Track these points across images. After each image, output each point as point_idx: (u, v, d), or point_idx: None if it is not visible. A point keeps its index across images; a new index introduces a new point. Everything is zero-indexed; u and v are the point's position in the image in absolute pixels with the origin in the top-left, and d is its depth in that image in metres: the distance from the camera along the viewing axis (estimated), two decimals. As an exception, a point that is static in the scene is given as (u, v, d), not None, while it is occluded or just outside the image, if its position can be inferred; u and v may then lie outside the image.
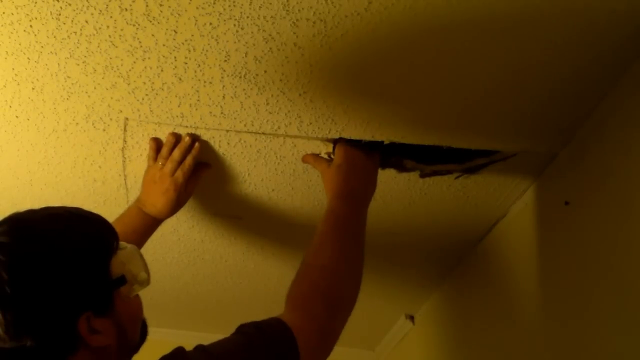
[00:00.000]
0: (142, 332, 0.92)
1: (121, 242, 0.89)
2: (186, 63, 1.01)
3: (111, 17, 0.94)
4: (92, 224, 0.87)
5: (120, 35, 0.97)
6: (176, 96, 1.09)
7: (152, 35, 0.96)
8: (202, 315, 2.06)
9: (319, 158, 1.23)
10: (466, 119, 1.13)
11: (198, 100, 1.09)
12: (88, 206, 0.92)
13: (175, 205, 1.23)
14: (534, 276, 1.27)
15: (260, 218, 1.46)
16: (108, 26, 0.95)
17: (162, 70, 1.03)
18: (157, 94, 1.09)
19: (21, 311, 0.76)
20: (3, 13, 0.94)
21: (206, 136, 1.20)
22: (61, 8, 0.92)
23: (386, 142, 1.18)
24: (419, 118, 1.13)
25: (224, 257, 1.64)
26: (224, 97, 1.08)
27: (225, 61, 1.01)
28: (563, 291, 1.16)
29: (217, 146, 1.23)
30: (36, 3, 0.92)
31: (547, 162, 1.25)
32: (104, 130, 1.19)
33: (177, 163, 1.20)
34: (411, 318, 1.96)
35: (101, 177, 1.33)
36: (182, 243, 1.57)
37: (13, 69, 1.05)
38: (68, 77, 1.06)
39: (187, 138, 1.20)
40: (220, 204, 1.42)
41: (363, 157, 1.19)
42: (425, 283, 1.78)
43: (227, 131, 1.18)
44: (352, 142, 1.19)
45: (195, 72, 1.03)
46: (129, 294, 0.87)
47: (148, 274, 0.91)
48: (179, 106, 1.11)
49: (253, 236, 1.55)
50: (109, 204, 1.40)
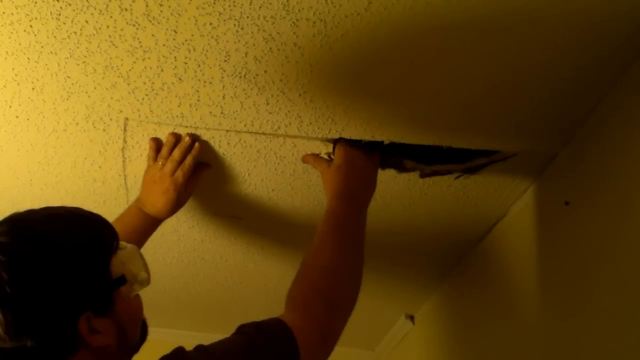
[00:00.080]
0: (142, 332, 0.92)
1: (121, 242, 0.89)
2: (186, 63, 1.01)
3: (111, 17, 0.94)
4: (92, 224, 0.87)
5: (120, 35, 0.97)
6: (176, 96, 1.09)
7: (152, 35, 0.96)
8: (202, 315, 2.05)
9: (319, 158, 1.23)
10: (466, 119, 1.13)
11: (198, 100, 1.09)
12: (88, 206, 0.92)
13: (175, 205, 1.23)
14: (534, 276, 1.27)
15: (260, 218, 1.46)
16: (108, 26, 0.95)
17: (162, 70, 1.03)
18: (157, 94, 1.09)
19: (21, 311, 0.76)
20: (3, 13, 0.94)
21: (206, 136, 1.20)
22: (61, 8, 0.92)
23: (386, 142, 1.19)
24: (419, 118, 1.13)
25: (224, 257, 1.64)
26: (224, 97, 1.08)
27: (225, 61, 1.01)
28: (563, 291, 1.16)
29: (217, 146, 1.23)
30: (36, 3, 0.92)
31: (547, 162, 1.25)
32: (104, 130, 1.19)
33: (177, 163, 1.20)
34: (411, 318, 1.96)
35: (101, 177, 1.33)
36: (182, 243, 1.57)
37: (13, 69, 1.05)
38: (68, 77, 1.06)
39: (187, 138, 1.20)
40: (220, 204, 1.42)
41: (363, 158, 1.19)
42: (425, 283, 1.78)
43: (227, 131, 1.18)
44: (352, 142, 1.19)
45: (195, 72, 1.03)
46: (129, 294, 0.87)
47: (148, 274, 0.91)
48: (179, 106, 1.11)
49: (253, 236, 1.55)
50: (109, 204, 1.40)
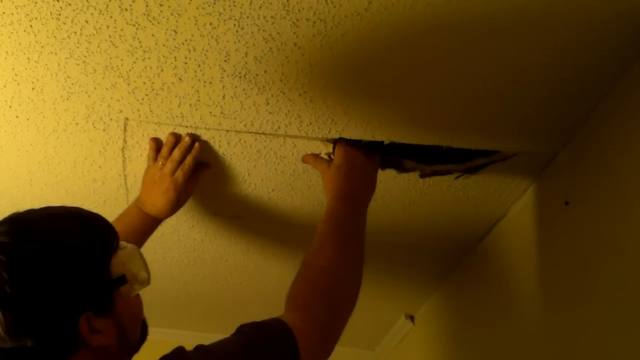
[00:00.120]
0: (143, 332, 0.92)
1: (121, 242, 0.89)
2: (186, 63, 1.01)
3: (111, 17, 0.94)
4: (92, 224, 0.87)
5: (120, 35, 0.97)
6: (176, 96, 1.09)
7: (152, 35, 0.96)
8: (202, 315, 2.05)
9: (319, 158, 1.23)
10: (466, 119, 1.13)
11: (198, 100, 1.09)
12: (88, 206, 0.92)
13: (175, 205, 1.23)
14: (534, 276, 1.27)
15: (260, 218, 1.46)
16: (108, 26, 0.95)
17: (162, 70, 1.03)
18: (157, 94, 1.09)
19: (21, 311, 0.76)
20: (3, 13, 0.94)
21: (206, 136, 1.20)
22: (61, 8, 0.92)
23: (386, 142, 1.18)
24: (419, 118, 1.13)
25: (224, 257, 1.64)
26: (224, 97, 1.08)
27: (225, 61, 1.01)
28: (563, 291, 1.16)
29: (217, 146, 1.23)
30: (36, 3, 0.92)
31: (547, 162, 1.25)
32: (104, 130, 1.19)
33: (177, 163, 1.20)
34: (411, 318, 1.96)
35: (101, 177, 1.33)
36: (182, 243, 1.57)
37: (13, 69, 1.05)
38: (68, 77, 1.06)
39: (187, 138, 1.20)
40: (220, 204, 1.42)
41: (363, 158, 1.19)
42: (425, 283, 1.78)
43: (227, 131, 1.18)
44: (352, 143, 1.19)
45: (195, 72, 1.03)
46: (129, 294, 0.87)
47: (148, 274, 0.91)
48: (179, 106, 1.11)
49: (253, 236, 1.55)
50: (109, 204, 1.40)
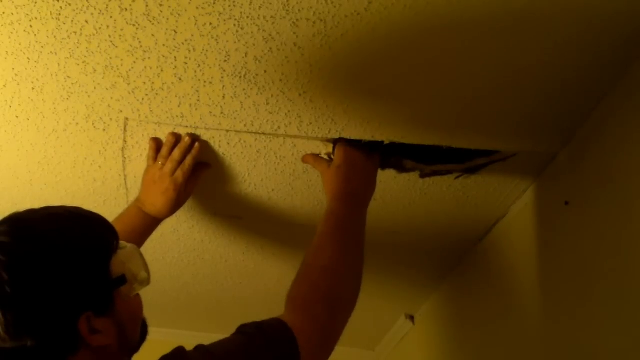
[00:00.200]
0: (143, 332, 0.92)
1: (121, 242, 0.89)
2: (186, 63, 1.01)
3: (111, 17, 0.94)
4: (92, 224, 0.87)
5: (120, 35, 0.97)
6: (176, 96, 1.09)
7: (152, 35, 0.96)
8: (202, 315, 2.05)
9: (319, 159, 1.23)
10: (466, 119, 1.13)
11: (198, 100, 1.09)
12: (88, 206, 0.91)
13: (174, 205, 1.23)
14: (534, 276, 1.27)
15: (260, 218, 1.46)
16: (108, 26, 0.95)
17: (162, 70, 1.03)
18: (157, 94, 1.09)
19: (21, 311, 0.76)
20: (3, 13, 0.94)
21: (206, 136, 1.20)
22: (61, 8, 0.92)
23: (386, 142, 1.18)
24: (419, 118, 1.13)
25: (224, 257, 1.64)
26: (224, 97, 1.08)
27: (225, 61, 1.01)
28: (563, 291, 1.16)
29: (217, 146, 1.23)
30: (36, 3, 0.92)
31: (547, 162, 1.25)
32: (104, 130, 1.19)
33: (177, 163, 1.20)
34: (411, 318, 1.96)
35: (101, 177, 1.33)
36: (182, 243, 1.57)
37: (13, 69, 1.05)
38: (68, 77, 1.06)
39: (187, 138, 1.20)
40: (220, 204, 1.42)
41: (363, 158, 1.19)
42: (425, 283, 1.78)
43: (227, 131, 1.18)
44: (352, 143, 1.19)
45: (195, 72, 1.03)
46: (129, 294, 0.87)
47: (148, 273, 0.91)
48: (179, 106, 1.11)
49: (253, 236, 1.55)
50: (109, 204, 1.40)
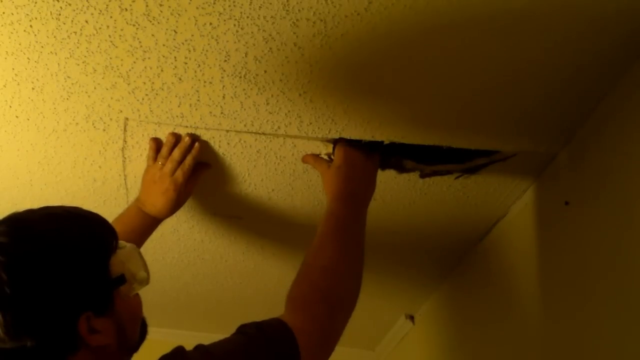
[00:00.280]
0: (142, 331, 0.92)
1: (120, 241, 0.89)
2: (186, 63, 1.01)
3: (111, 17, 0.94)
4: (91, 223, 0.87)
5: (120, 35, 0.97)
6: (176, 96, 1.09)
7: (152, 35, 0.96)
8: (202, 315, 2.06)
9: (319, 159, 1.23)
10: (466, 119, 1.13)
11: (198, 100, 1.09)
12: (88, 206, 0.92)
13: (174, 205, 1.23)
14: (534, 276, 1.27)
15: (260, 218, 1.46)
16: (108, 26, 0.95)
17: (162, 70, 1.03)
18: (157, 94, 1.09)
19: (21, 312, 0.76)
20: (3, 13, 0.94)
21: (206, 136, 1.20)
22: (61, 8, 0.92)
23: (386, 142, 1.18)
24: (419, 117, 1.13)
25: (224, 257, 1.64)
26: (224, 97, 1.08)
27: (225, 61, 1.01)
28: (563, 290, 1.16)
29: (217, 146, 1.23)
30: (36, 3, 0.92)
31: (547, 162, 1.25)
32: (104, 130, 1.19)
33: (177, 163, 1.20)
34: (411, 318, 1.96)
35: (101, 177, 1.33)
36: (182, 243, 1.57)
37: (13, 69, 1.05)
38: (68, 77, 1.06)
39: (187, 138, 1.20)
40: (220, 204, 1.42)
41: (363, 159, 1.19)
42: (425, 283, 1.78)
43: (227, 131, 1.18)
44: (352, 143, 1.19)
45: (195, 72, 1.03)
46: (129, 293, 0.87)
47: (147, 273, 0.91)
48: (179, 106, 1.11)
49: (253, 236, 1.55)
50: (109, 204, 1.40)
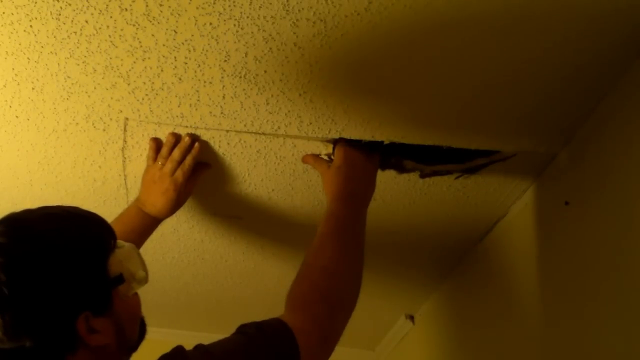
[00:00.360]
0: (141, 331, 0.92)
1: (119, 241, 0.89)
2: (186, 63, 1.01)
3: (111, 17, 0.94)
4: (90, 223, 0.87)
5: (120, 35, 0.97)
6: (176, 96, 1.09)
7: (152, 35, 0.96)
8: (202, 315, 2.05)
9: (319, 159, 1.23)
10: (466, 118, 1.13)
11: (198, 100, 1.09)
12: (88, 206, 0.92)
13: (174, 205, 1.23)
14: (534, 276, 1.27)
15: (260, 218, 1.46)
16: (108, 26, 0.95)
17: (162, 70, 1.03)
18: (157, 94, 1.09)
19: (20, 312, 0.76)
20: (3, 13, 0.94)
21: (206, 136, 1.20)
22: (61, 8, 0.92)
23: (386, 142, 1.18)
24: (419, 117, 1.13)
25: (224, 257, 1.64)
26: (224, 97, 1.08)
27: (225, 61, 1.01)
28: (563, 291, 1.16)
29: (217, 146, 1.23)
30: (36, 3, 0.92)
31: (547, 162, 1.25)
32: (104, 130, 1.19)
33: (177, 163, 1.20)
34: (411, 318, 1.96)
35: (101, 177, 1.33)
36: (182, 243, 1.57)
37: (13, 69, 1.05)
38: (68, 77, 1.06)
39: (187, 138, 1.20)
40: (220, 204, 1.42)
41: (363, 159, 1.19)
42: (425, 283, 1.78)
43: (227, 131, 1.18)
44: (352, 143, 1.19)
45: (195, 72, 1.03)
46: (128, 293, 0.87)
47: (146, 272, 0.91)
48: (179, 106, 1.11)
49: (253, 236, 1.55)
50: (109, 204, 1.40)
